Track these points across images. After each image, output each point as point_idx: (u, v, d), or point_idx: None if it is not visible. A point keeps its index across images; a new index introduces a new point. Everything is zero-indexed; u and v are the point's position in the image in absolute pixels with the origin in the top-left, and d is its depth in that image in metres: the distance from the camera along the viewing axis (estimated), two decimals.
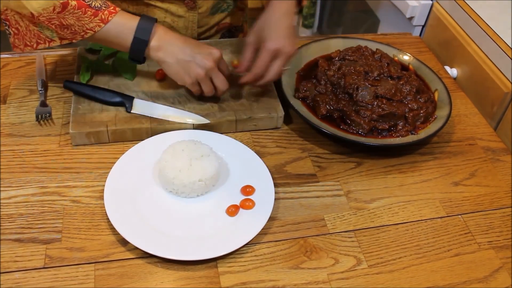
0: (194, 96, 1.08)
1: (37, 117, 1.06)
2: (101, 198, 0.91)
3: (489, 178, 1.04)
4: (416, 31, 1.52)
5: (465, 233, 0.93)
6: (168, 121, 1.03)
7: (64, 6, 0.92)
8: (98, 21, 0.94)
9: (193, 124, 1.04)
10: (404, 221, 0.94)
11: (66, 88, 1.08)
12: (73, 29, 0.95)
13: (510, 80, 1.16)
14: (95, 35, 0.96)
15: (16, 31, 0.99)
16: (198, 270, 0.83)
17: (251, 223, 0.88)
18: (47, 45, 0.99)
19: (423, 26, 1.51)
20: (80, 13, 0.93)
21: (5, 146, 1.00)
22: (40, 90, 1.10)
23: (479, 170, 1.05)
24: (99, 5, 0.95)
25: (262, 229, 0.87)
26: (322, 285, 0.83)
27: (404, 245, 0.90)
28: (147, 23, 0.97)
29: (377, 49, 1.23)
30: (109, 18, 0.95)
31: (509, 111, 1.17)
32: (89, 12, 0.94)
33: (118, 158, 0.97)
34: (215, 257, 0.84)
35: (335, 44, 1.24)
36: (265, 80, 1.04)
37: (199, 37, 1.27)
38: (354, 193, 0.98)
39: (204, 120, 1.04)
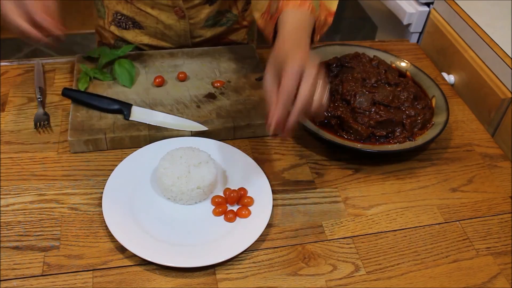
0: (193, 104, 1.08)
1: (35, 124, 1.06)
2: (99, 205, 0.91)
3: (487, 184, 1.04)
4: (414, 38, 1.52)
5: (463, 239, 0.93)
6: (166, 128, 1.03)
7: None
8: None
9: (191, 131, 1.04)
10: (402, 227, 0.94)
11: (65, 95, 1.08)
12: None
13: (507, 86, 1.17)
14: None
15: None
16: (196, 277, 0.83)
17: (249, 230, 0.88)
18: None
19: (420, 33, 1.51)
20: None
21: (3, 154, 1.00)
22: (39, 98, 1.11)
23: (477, 176, 1.05)
24: None
25: (260, 235, 0.87)
26: None
27: (402, 251, 0.90)
28: None
29: (374, 56, 1.23)
30: None
31: (507, 117, 1.18)
32: None
33: (116, 165, 0.97)
34: (213, 264, 0.84)
35: (333, 51, 1.25)
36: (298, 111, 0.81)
37: (195, 47, 1.27)
38: (352, 199, 0.98)
39: (202, 127, 1.04)
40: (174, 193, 0.91)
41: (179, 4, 1.16)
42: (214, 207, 0.93)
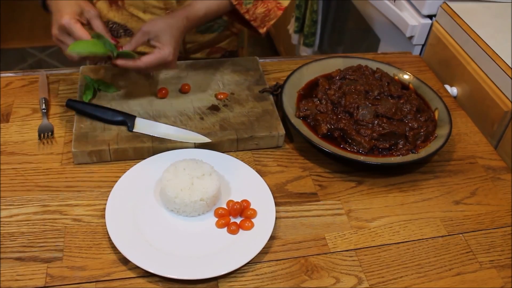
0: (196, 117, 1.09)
1: (39, 135, 1.06)
2: (103, 216, 0.91)
3: (490, 197, 1.04)
4: (416, 50, 1.53)
5: (467, 252, 0.93)
6: (170, 140, 1.04)
7: None
8: None
9: (195, 143, 1.04)
10: (405, 240, 0.94)
11: (69, 107, 1.09)
12: None
13: (510, 99, 1.17)
14: None
15: None
16: None
17: (252, 242, 0.88)
18: None
19: (423, 45, 1.52)
20: None
21: (7, 165, 1.01)
22: (43, 109, 1.11)
23: (480, 189, 1.05)
24: None
25: (263, 248, 0.87)
26: None
27: (405, 264, 0.90)
28: None
29: (377, 68, 1.23)
30: None
31: (509, 130, 1.18)
32: None
33: (120, 177, 0.97)
34: (216, 276, 0.83)
35: (336, 64, 1.25)
36: (134, 66, 1.02)
37: (189, 55, 1.28)
38: (355, 212, 0.98)
39: (206, 139, 1.04)
40: (177, 205, 0.91)
41: (172, 5, 1.16)
42: (217, 219, 0.93)
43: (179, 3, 1.17)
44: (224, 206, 0.95)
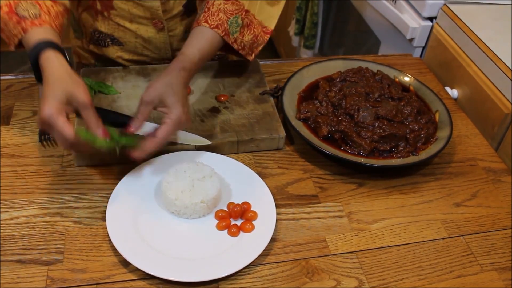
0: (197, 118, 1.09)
1: (40, 138, 1.06)
2: (103, 219, 0.91)
3: (491, 199, 1.04)
4: (417, 52, 1.53)
5: (467, 255, 0.93)
6: (170, 142, 1.04)
7: None
8: (20, 29, 0.92)
9: (195, 145, 1.04)
10: (406, 242, 0.94)
11: None
12: (5, 34, 0.96)
13: (510, 101, 1.17)
14: (23, 43, 0.93)
15: None
16: None
17: (252, 244, 0.88)
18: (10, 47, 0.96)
19: (423, 47, 1.52)
20: (7, 18, 0.93)
21: (8, 167, 1.01)
22: None
23: (481, 191, 1.05)
24: (28, 15, 0.92)
25: (264, 250, 0.87)
26: None
27: (406, 266, 0.90)
28: (38, 47, 0.89)
29: (378, 70, 1.24)
30: (29, 29, 0.91)
31: (510, 132, 1.18)
32: (14, 18, 0.93)
33: (121, 179, 0.97)
34: (217, 278, 0.83)
35: (336, 66, 1.26)
36: (155, 147, 0.92)
37: None
38: (356, 214, 0.98)
39: (206, 141, 1.04)
40: (178, 207, 0.91)
41: (158, 15, 1.16)
42: (217, 221, 0.93)
43: (164, 13, 1.17)
44: (225, 208, 0.95)
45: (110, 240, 0.87)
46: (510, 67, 1.19)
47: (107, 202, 0.93)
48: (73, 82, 0.87)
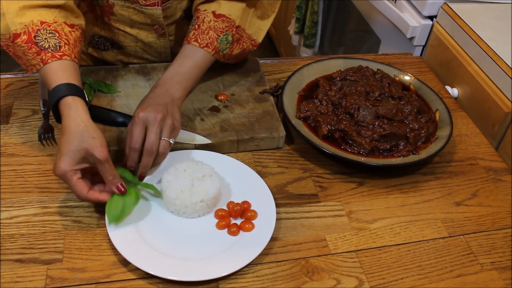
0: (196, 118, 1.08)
1: (39, 137, 1.06)
2: (103, 218, 0.91)
3: (491, 198, 1.03)
4: (417, 51, 1.53)
5: (468, 254, 0.93)
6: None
7: (15, 36, 0.92)
8: (39, 60, 0.92)
9: (195, 144, 1.04)
10: (406, 241, 0.94)
11: None
12: (23, 61, 0.95)
13: (511, 100, 1.17)
14: (40, 73, 0.93)
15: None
16: None
17: (252, 244, 0.88)
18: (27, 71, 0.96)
19: (423, 46, 1.51)
20: (26, 48, 0.92)
21: (7, 166, 1.00)
22: (43, 110, 1.11)
23: (481, 190, 1.05)
24: (48, 46, 0.92)
25: (264, 249, 0.87)
26: None
27: (406, 265, 0.90)
28: (58, 94, 0.89)
29: (378, 69, 1.23)
30: (48, 61, 0.91)
31: (510, 131, 1.18)
32: (33, 49, 0.92)
33: None
34: (217, 277, 0.83)
35: (336, 65, 1.25)
36: (149, 155, 0.94)
37: None
38: (356, 213, 0.98)
39: (206, 140, 1.04)
40: (177, 206, 0.91)
41: (159, 21, 1.16)
42: (217, 220, 0.92)
43: (165, 19, 1.16)
44: (225, 207, 0.95)
45: (109, 239, 0.87)
46: (510, 66, 1.19)
47: (107, 201, 0.92)
48: (90, 136, 0.86)
